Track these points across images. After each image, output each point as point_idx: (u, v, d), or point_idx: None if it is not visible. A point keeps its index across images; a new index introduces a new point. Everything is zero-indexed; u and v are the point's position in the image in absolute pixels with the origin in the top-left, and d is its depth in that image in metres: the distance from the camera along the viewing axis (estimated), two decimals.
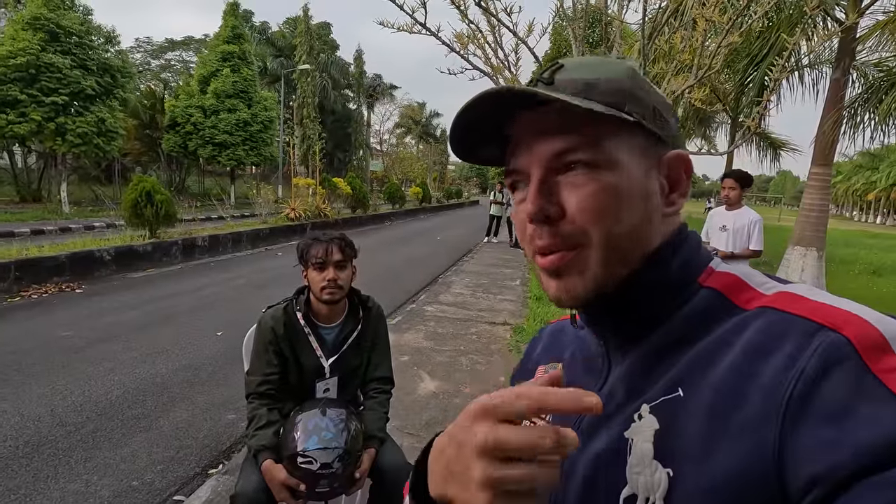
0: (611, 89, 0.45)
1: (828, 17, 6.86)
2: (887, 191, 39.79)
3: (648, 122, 0.46)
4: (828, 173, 6.90)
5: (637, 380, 0.46)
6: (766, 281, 0.45)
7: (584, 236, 0.45)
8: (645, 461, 0.41)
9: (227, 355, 4.22)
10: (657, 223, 0.47)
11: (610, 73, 0.46)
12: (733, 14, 3.81)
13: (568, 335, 0.60)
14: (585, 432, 0.48)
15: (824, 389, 0.34)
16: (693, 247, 0.49)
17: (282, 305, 1.77)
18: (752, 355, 0.38)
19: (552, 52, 10.00)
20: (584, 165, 0.44)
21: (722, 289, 0.45)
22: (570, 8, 4.64)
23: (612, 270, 0.45)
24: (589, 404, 0.34)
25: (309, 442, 1.45)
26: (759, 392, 0.36)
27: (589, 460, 0.46)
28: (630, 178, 0.45)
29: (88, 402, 3.26)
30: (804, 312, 0.38)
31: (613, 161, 0.44)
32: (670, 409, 0.41)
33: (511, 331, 5.20)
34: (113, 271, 7.16)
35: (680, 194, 0.49)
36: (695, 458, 0.38)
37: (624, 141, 0.45)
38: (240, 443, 2.92)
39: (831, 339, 0.35)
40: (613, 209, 0.44)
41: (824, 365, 0.35)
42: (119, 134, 15.61)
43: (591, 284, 0.46)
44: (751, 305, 0.42)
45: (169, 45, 40.54)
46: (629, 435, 0.43)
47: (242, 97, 20.58)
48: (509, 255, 11.35)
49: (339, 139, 33.80)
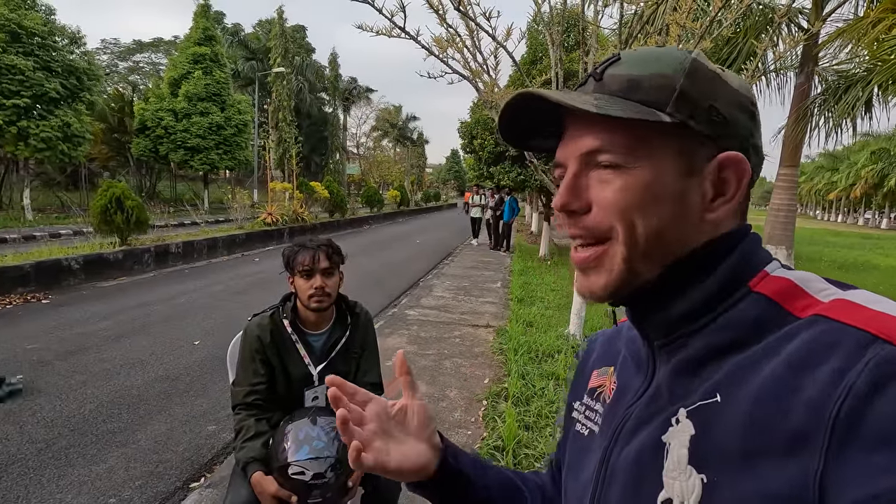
0: (656, 86, 0.44)
1: (792, 25, 7.14)
2: (847, 191, 41.49)
3: (697, 122, 0.44)
4: (795, 174, 7.16)
5: (680, 383, 0.45)
6: (825, 287, 0.42)
7: (607, 231, 0.45)
8: (680, 466, 0.41)
9: (205, 365, 4.12)
10: (695, 226, 0.45)
11: (662, 67, 0.45)
12: (705, 21, 3.93)
13: (622, 338, 0.59)
14: (629, 433, 0.48)
15: (875, 408, 0.31)
16: (747, 250, 0.46)
17: (268, 313, 1.73)
18: (798, 366, 0.36)
19: (528, 55, 10.09)
20: (612, 165, 0.45)
21: (773, 295, 0.42)
22: (546, 13, 4.71)
23: (635, 269, 0.45)
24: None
25: (300, 452, 1.42)
26: (803, 407, 0.34)
27: (629, 463, 0.46)
28: (659, 178, 0.44)
29: (60, 418, 3.13)
30: (859, 322, 0.36)
31: (643, 162, 0.44)
32: (707, 414, 0.40)
33: (494, 333, 5.22)
34: (82, 280, 6.90)
35: (727, 199, 0.45)
36: (730, 467, 0.37)
37: (659, 141, 0.44)
38: (222, 455, 2.85)
39: (886, 352, 0.33)
40: (637, 208, 0.44)
41: (876, 381, 0.32)
42: (86, 138, 15.09)
43: (613, 282, 0.46)
44: (805, 313, 0.40)
45: (137, 47, 39.49)
46: (666, 439, 0.43)
47: (215, 100, 20.17)
48: (490, 257, 11.41)
49: (316, 143, 33.44)
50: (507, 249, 12.54)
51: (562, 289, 7.41)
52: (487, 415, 3.30)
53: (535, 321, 5.43)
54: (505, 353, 4.48)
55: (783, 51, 4.89)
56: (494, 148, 10.56)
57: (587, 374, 0.62)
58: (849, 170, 39.71)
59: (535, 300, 6.62)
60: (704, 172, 0.45)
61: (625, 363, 0.56)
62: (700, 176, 0.45)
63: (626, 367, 0.55)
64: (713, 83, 0.45)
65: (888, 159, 34.12)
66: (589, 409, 0.57)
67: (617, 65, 0.46)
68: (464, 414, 3.34)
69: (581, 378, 0.63)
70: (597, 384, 0.58)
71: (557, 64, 4.69)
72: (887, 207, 42.23)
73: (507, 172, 10.67)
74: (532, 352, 4.39)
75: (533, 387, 3.60)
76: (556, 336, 4.82)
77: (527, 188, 11.12)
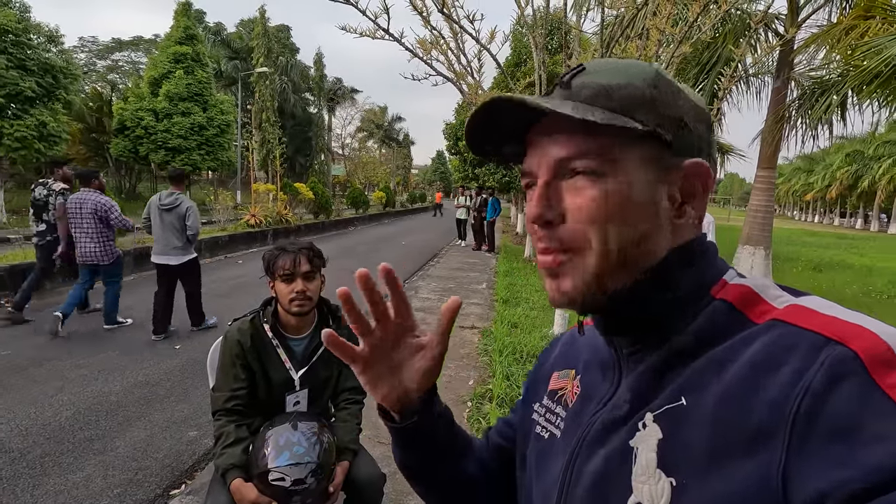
0: (625, 95, 0.44)
1: (769, 30, 7.30)
2: (822, 192, 42.55)
3: (664, 131, 0.44)
4: (772, 176, 7.32)
5: (645, 388, 0.45)
6: (780, 294, 0.44)
7: (581, 241, 0.45)
8: (649, 470, 0.41)
9: (185, 369, 4.05)
10: (664, 234, 0.46)
11: (630, 77, 0.45)
12: (684, 26, 4.00)
13: (581, 342, 0.60)
14: (594, 439, 0.48)
15: (831, 405, 0.33)
16: (708, 259, 0.48)
17: (248, 317, 1.71)
18: (759, 368, 0.38)
19: (512, 58, 10.16)
20: (586, 172, 0.45)
21: (734, 301, 0.44)
22: (530, 16, 4.74)
23: (608, 276, 0.45)
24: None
25: (280, 458, 1.41)
26: (765, 406, 0.36)
27: (597, 468, 0.47)
28: (632, 187, 0.44)
29: (35, 426, 3.06)
30: (813, 326, 0.37)
31: (615, 170, 0.44)
32: (673, 418, 0.41)
33: (479, 334, 5.23)
34: (58, 284, 6.72)
35: (692, 206, 0.47)
36: (698, 469, 0.38)
37: (630, 149, 0.44)
38: (203, 461, 2.81)
39: (838, 353, 0.35)
40: (611, 216, 0.44)
41: (830, 379, 0.34)
42: (62, 138, 14.75)
43: (583, 288, 0.46)
44: (762, 318, 0.41)
45: (116, 45, 38.72)
46: (634, 444, 0.43)
47: (197, 100, 19.87)
48: (475, 258, 11.43)
49: (300, 144, 33.17)
50: (491, 250, 12.59)
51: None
52: (472, 416, 3.31)
53: (519, 322, 5.46)
54: (490, 355, 4.50)
55: (760, 56, 5.00)
56: None
57: (546, 375, 0.62)
58: (824, 171, 40.73)
59: (520, 301, 6.66)
60: (672, 180, 0.46)
61: (588, 368, 0.56)
62: (668, 183, 0.46)
63: (590, 373, 0.55)
64: (676, 95, 0.46)
65: (862, 161, 35.09)
66: (549, 411, 0.58)
67: (584, 74, 0.47)
68: None
69: (539, 379, 0.63)
70: (557, 387, 0.59)
71: (541, 66, 4.73)
72: (861, 208, 43.39)
73: (493, 174, 10.74)
74: (517, 353, 4.41)
75: (517, 388, 3.62)
76: (540, 337, 4.85)
77: (512, 189, 11.19)
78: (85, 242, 4.77)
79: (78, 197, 4.78)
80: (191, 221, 4.83)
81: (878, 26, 4.97)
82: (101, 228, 4.79)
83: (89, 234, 4.75)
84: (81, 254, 4.80)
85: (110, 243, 4.91)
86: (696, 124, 0.47)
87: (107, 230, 4.85)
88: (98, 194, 4.85)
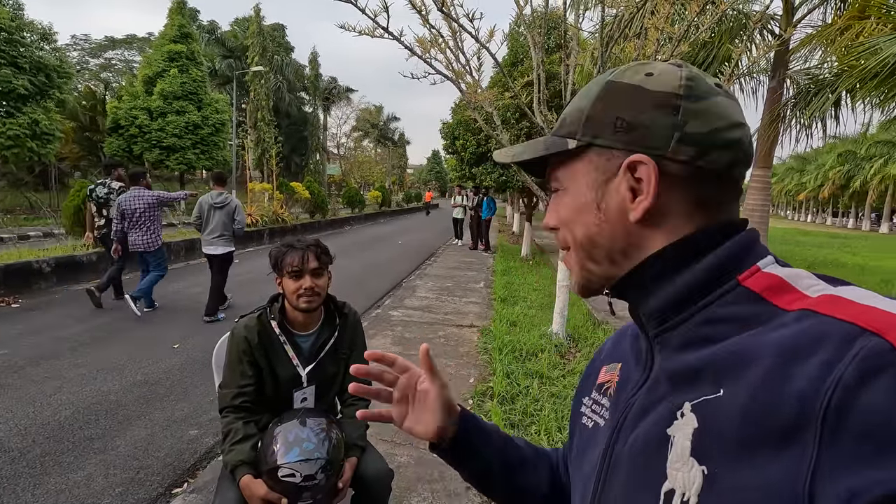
0: (572, 119, 0.53)
1: (764, 30, 7.35)
2: (815, 191, 42.86)
3: (602, 139, 0.50)
4: (767, 175, 7.37)
5: (677, 374, 0.46)
6: (814, 283, 0.44)
7: (566, 242, 0.56)
8: (683, 458, 0.42)
9: (185, 368, 4.04)
10: (626, 229, 0.50)
11: (580, 100, 0.53)
12: (682, 25, 4.02)
13: (628, 336, 0.62)
14: (631, 423, 0.50)
15: (863, 400, 0.32)
16: (739, 246, 0.47)
17: (255, 314, 1.71)
18: (788, 360, 0.37)
19: (510, 57, 10.15)
20: (556, 188, 0.56)
21: (760, 290, 0.44)
22: (528, 15, 4.75)
23: (587, 268, 0.54)
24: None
25: (290, 454, 1.41)
26: (795, 399, 0.35)
27: (634, 453, 0.48)
28: (579, 193, 0.53)
29: (34, 425, 3.04)
30: (847, 316, 0.36)
31: (568, 182, 0.54)
32: (709, 408, 0.41)
33: (478, 333, 5.24)
34: (53, 284, 6.70)
35: (641, 199, 0.48)
36: (729, 459, 0.38)
37: (575, 163, 0.53)
38: (205, 459, 2.80)
39: (872, 345, 0.33)
40: (571, 220, 0.54)
41: (863, 373, 0.33)
42: (55, 137, 14.65)
43: (577, 279, 0.56)
44: (792, 307, 0.41)
45: (109, 44, 38.45)
46: (671, 432, 0.44)
47: (192, 99, 19.77)
48: (472, 257, 11.45)
49: (296, 143, 33.05)
50: (487, 248, 12.60)
51: (544, 288, 7.48)
52: None
53: (518, 321, 5.47)
54: (489, 353, 4.51)
55: (757, 56, 5.04)
56: (476, 149, 10.59)
57: (597, 370, 0.64)
58: (817, 171, 41.03)
59: (517, 300, 6.67)
60: (617, 179, 0.49)
61: (629, 357, 0.58)
62: (614, 183, 0.50)
63: (629, 362, 0.57)
64: (624, 95, 0.49)
65: (854, 161, 35.38)
66: (596, 403, 0.60)
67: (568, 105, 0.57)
68: None
69: (591, 375, 0.65)
70: (604, 380, 0.60)
71: (539, 66, 4.74)
72: (853, 208, 43.76)
73: (490, 173, 10.71)
74: (516, 351, 4.42)
75: (518, 385, 3.64)
76: (539, 335, 4.87)
77: (508, 189, 11.19)
78: (135, 233, 5.48)
79: (130, 194, 5.48)
80: (239, 216, 5.59)
81: (873, 26, 5.02)
82: (150, 221, 5.51)
83: (139, 225, 5.47)
84: (132, 242, 5.49)
85: (156, 234, 5.59)
86: (645, 115, 0.47)
87: (155, 223, 5.56)
88: (146, 190, 5.62)
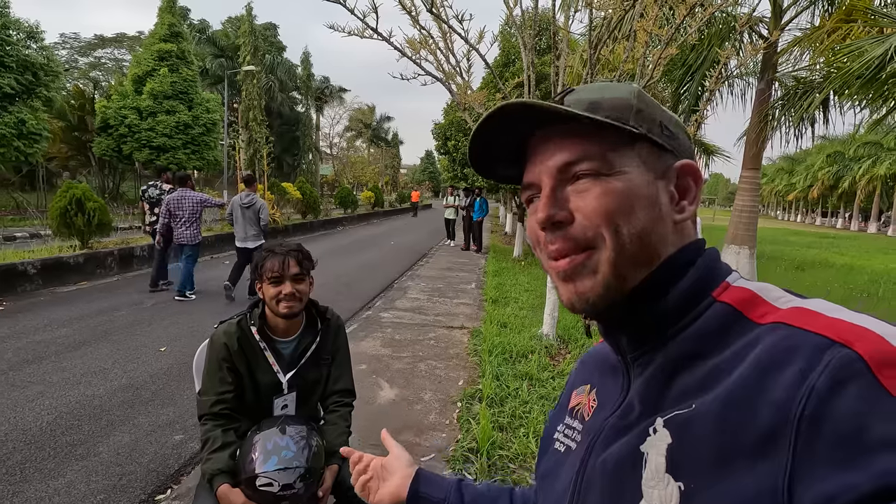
0: (614, 106, 0.48)
1: (753, 33, 7.41)
2: (805, 192, 43.33)
3: (654, 135, 0.48)
4: (757, 176, 7.42)
5: (653, 392, 0.46)
6: (782, 295, 0.44)
7: (594, 239, 0.47)
8: (658, 475, 0.41)
9: (171, 372, 3.99)
10: (667, 231, 0.48)
11: (614, 93, 0.49)
12: (671, 28, 4.04)
13: (596, 357, 0.62)
14: (604, 443, 0.49)
15: (836, 407, 0.33)
16: (708, 261, 0.49)
17: (235, 320, 1.69)
18: (762, 370, 0.38)
19: (501, 58, 10.16)
20: (589, 174, 0.47)
21: (736, 304, 0.44)
22: (518, 16, 4.75)
23: (622, 273, 0.47)
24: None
25: (268, 463, 1.39)
26: (770, 409, 0.36)
27: (606, 472, 0.47)
28: (634, 183, 0.47)
29: (14, 431, 2.98)
30: (817, 328, 0.37)
31: (617, 169, 0.47)
32: (682, 423, 0.41)
33: (468, 334, 5.23)
34: (39, 286, 6.61)
35: (689, 202, 0.50)
36: (705, 473, 0.38)
37: (627, 151, 0.48)
38: (189, 465, 2.76)
39: (842, 355, 0.35)
40: (620, 211, 0.46)
41: (835, 382, 0.34)
42: (43, 136, 14.45)
43: (601, 288, 0.47)
44: (764, 319, 0.42)
45: (98, 42, 38.04)
46: (644, 449, 0.44)
47: (182, 98, 19.59)
48: (464, 258, 11.45)
49: (288, 143, 32.89)
50: (479, 249, 12.61)
51: (535, 289, 7.49)
52: (462, 416, 3.30)
53: (509, 322, 5.47)
54: (479, 355, 4.50)
55: (745, 58, 5.07)
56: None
57: (568, 395, 0.63)
58: (806, 172, 41.48)
59: (509, 301, 6.67)
60: (668, 177, 0.49)
61: (603, 380, 0.57)
62: (665, 181, 0.49)
63: (604, 383, 0.56)
64: (657, 108, 0.50)
65: (843, 162, 35.79)
66: (568, 427, 0.59)
67: (573, 93, 0.50)
68: (438, 416, 3.34)
69: (564, 404, 0.64)
70: (575, 403, 0.60)
71: (530, 67, 4.74)
72: (842, 208, 44.28)
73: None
74: (506, 352, 4.42)
75: (507, 387, 3.63)
76: (529, 337, 4.87)
77: (501, 189, 11.21)
78: (180, 228, 6.34)
79: (178, 194, 6.36)
80: (263, 215, 6.52)
81: (859, 29, 5.07)
82: (193, 218, 6.40)
83: (184, 221, 6.34)
84: (177, 236, 6.37)
85: (198, 230, 6.54)
86: (677, 131, 0.51)
87: (197, 220, 6.45)
88: (192, 191, 6.51)
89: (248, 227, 6.46)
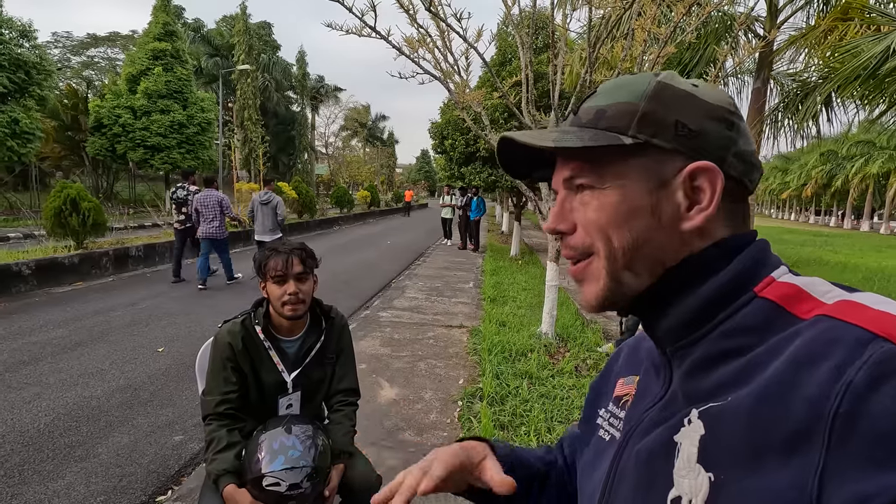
0: (618, 113, 0.48)
1: (749, 32, 7.44)
2: (798, 190, 43.55)
3: (661, 139, 0.47)
4: None
5: (692, 385, 0.46)
6: (830, 290, 0.43)
7: (590, 248, 0.50)
8: (689, 464, 0.42)
9: (170, 373, 3.97)
10: (669, 238, 0.47)
11: (625, 96, 0.49)
12: (669, 27, 4.05)
13: (644, 347, 0.61)
14: (641, 433, 0.50)
15: (874, 405, 0.32)
16: (751, 257, 0.47)
17: (239, 319, 1.67)
18: (798, 365, 0.37)
19: (498, 57, 10.15)
20: (588, 187, 0.50)
21: (778, 299, 0.43)
22: (516, 15, 4.75)
23: (619, 280, 0.49)
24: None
25: (275, 463, 1.39)
26: (803, 404, 0.35)
27: (640, 461, 0.48)
28: (628, 195, 0.48)
29: (12, 433, 2.96)
30: (861, 321, 0.36)
31: (609, 183, 0.49)
32: (716, 415, 0.41)
33: (467, 333, 5.23)
34: (34, 286, 6.55)
35: (701, 208, 0.46)
36: (736, 466, 0.38)
37: (624, 162, 0.48)
38: (190, 466, 2.75)
39: (884, 350, 0.33)
40: (611, 223, 0.48)
41: (874, 378, 0.32)
42: (36, 136, 14.34)
43: (602, 292, 0.50)
44: (809, 315, 0.41)
45: (92, 41, 37.79)
46: (678, 439, 0.44)
47: (177, 97, 19.49)
48: (461, 257, 11.44)
49: (283, 142, 32.77)
50: (476, 248, 12.60)
51: (533, 288, 7.50)
52: (463, 415, 3.30)
53: (507, 321, 5.47)
54: (479, 354, 4.50)
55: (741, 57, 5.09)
56: (465, 148, 10.58)
57: (612, 381, 0.63)
58: (800, 170, 41.69)
59: (507, 300, 6.67)
60: (675, 184, 0.47)
61: (647, 370, 0.57)
62: (670, 188, 0.47)
63: (648, 374, 0.56)
64: (681, 100, 0.48)
65: (836, 161, 36.01)
66: (613, 416, 0.59)
67: (592, 97, 0.52)
68: (439, 415, 3.34)
69: (606, 385, 0.64)
70: (622, 392, 0.60)
71: (528, 66, 4.74)
72: (835, 206, 44.57)
73: (479, 173, 10.72)
74: (506, 351, 4.42)
75: (507, 386, 3.63)
76: (528, 335, 4.87)
77: (497, 188, 11.20)
78: (207, 224, 6.99)
79: (204, 194, 7.06)
80: (280, 211, 7.35)
81: (856, 28, 5.10)
82: (219, 215, 7.03)
83: (210, 218, 6.99)
84: (204, 231, 7.01)
85: (223, 226, 7.14)
86: (705, 124, 0.47)
87: (222, 216, 7.08)
88: (217, 192, 7.17)
89: (267, 222, 7.25)
